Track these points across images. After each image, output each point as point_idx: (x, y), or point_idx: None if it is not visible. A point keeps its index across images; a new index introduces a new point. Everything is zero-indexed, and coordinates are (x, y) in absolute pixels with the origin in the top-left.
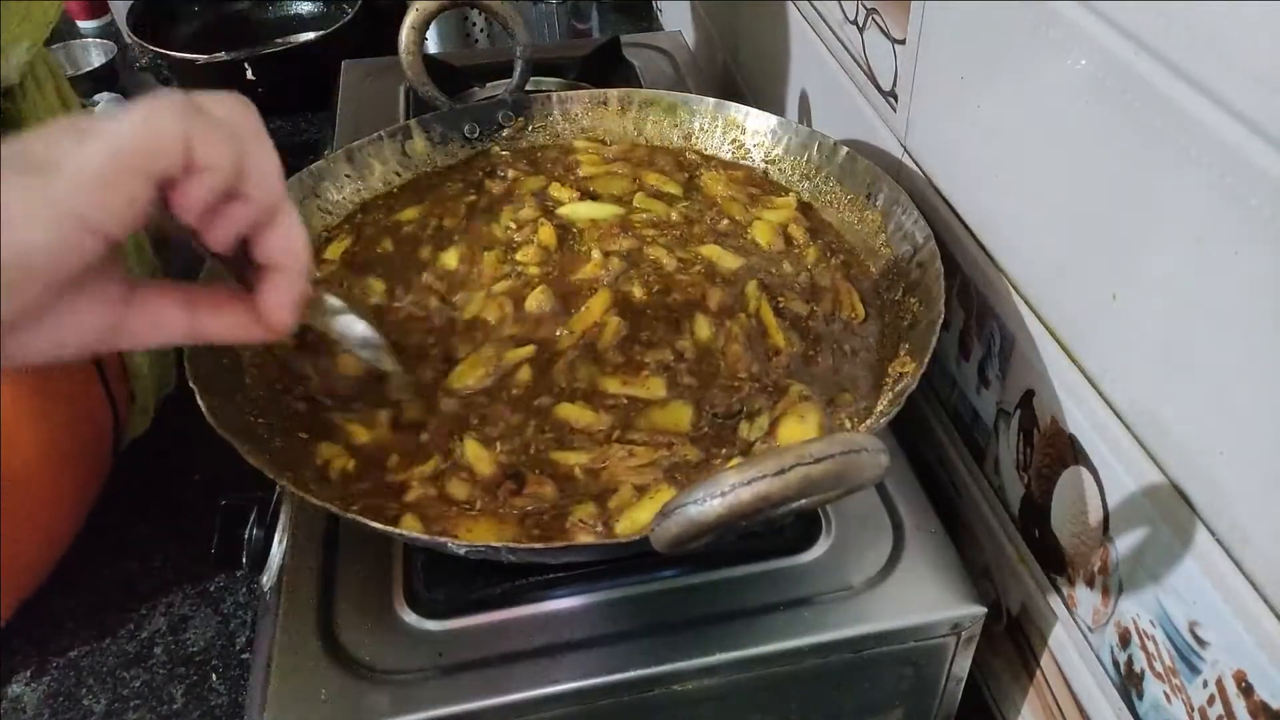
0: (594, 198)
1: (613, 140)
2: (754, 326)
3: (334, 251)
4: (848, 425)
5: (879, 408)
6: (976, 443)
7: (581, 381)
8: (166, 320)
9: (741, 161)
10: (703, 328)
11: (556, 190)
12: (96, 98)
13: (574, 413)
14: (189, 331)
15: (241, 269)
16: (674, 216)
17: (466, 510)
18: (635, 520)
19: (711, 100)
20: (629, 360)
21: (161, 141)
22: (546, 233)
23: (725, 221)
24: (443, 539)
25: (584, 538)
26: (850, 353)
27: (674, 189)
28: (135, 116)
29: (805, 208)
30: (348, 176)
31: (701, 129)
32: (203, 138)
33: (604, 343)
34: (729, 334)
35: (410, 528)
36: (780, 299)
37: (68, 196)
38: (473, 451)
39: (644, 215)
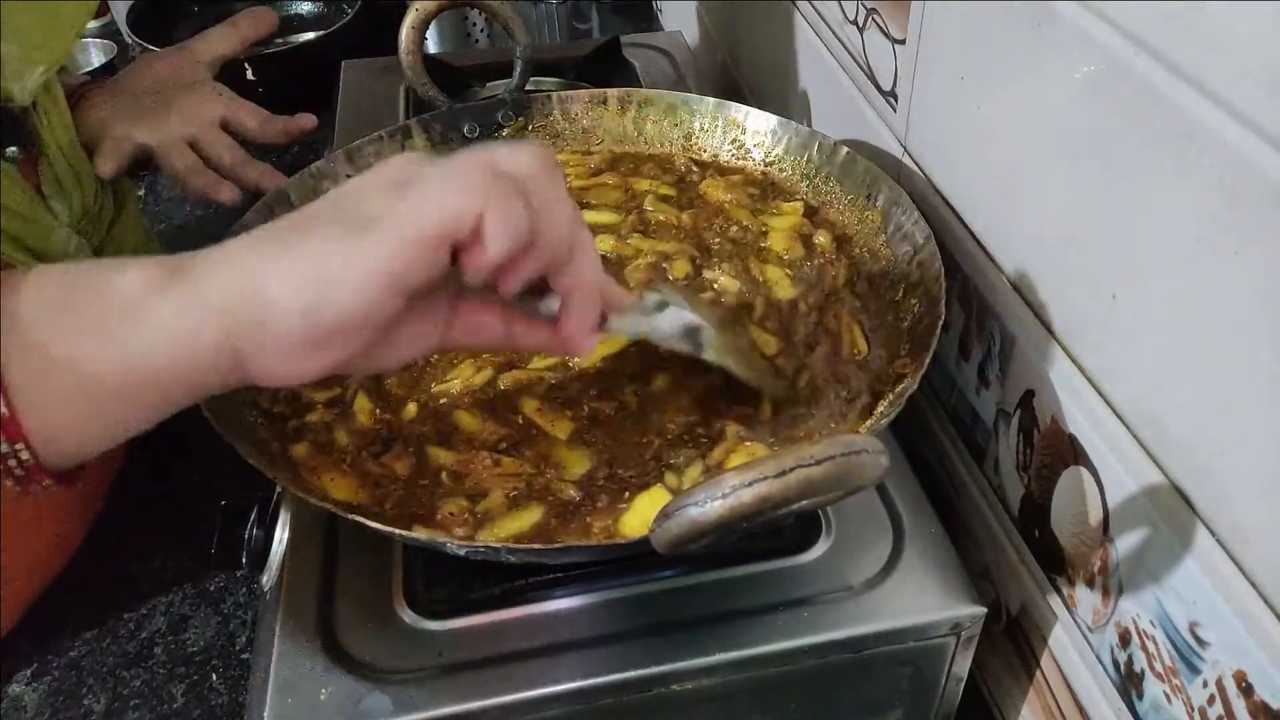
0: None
1: (596, 147)
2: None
3: None
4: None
5: (879, 408)
6: (976, 443)
7: (506, 398)
8: (485, 330)
9: (736, 164)
10: (659, 380)
11: None
12: None
13: (465, 419)
14: (504, 342)
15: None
16: (684, 220)
17: (340, 462)
18: (505, 528)
19: (711, 100)
20: (575, 398)
21: (460, 218)
22: None
23: (735, 228)
24: (442, 539)
25: (457, 530)
26: (843, 399)
27: (668, 190)
28: (442, 184)
29: (811, 211)
30: (348, 176)
31: (701, 129)
32: (497, 212)
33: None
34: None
35: (300, 455)
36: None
37: (381, 260)
38: (360, 403)
39: (658, 217)
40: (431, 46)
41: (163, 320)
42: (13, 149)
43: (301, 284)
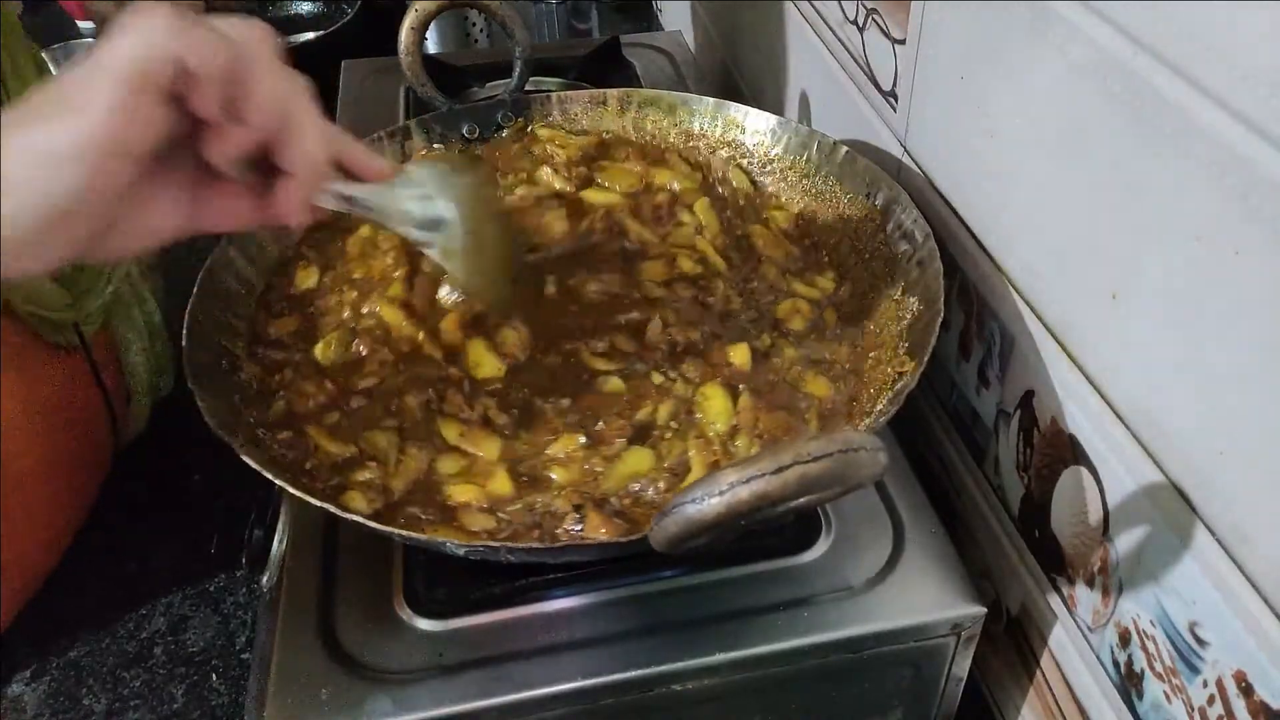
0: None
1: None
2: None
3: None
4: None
5: (878, 407)
6: (976, 443)
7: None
8: (234, 211)
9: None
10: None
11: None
12: None
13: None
14: (253, 219)
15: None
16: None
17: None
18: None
19: (711, 100)
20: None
21: (152, 56)
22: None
23: (756, 283)
24: (441, 539)
25: (359, 502)
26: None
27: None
28: (128, 37)
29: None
30: None
31: (701, 129)
32: (194, 47)
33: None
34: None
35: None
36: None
37: (85, 134)
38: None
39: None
40: (431, 46)
41: None
42: None
43: (14, 177)
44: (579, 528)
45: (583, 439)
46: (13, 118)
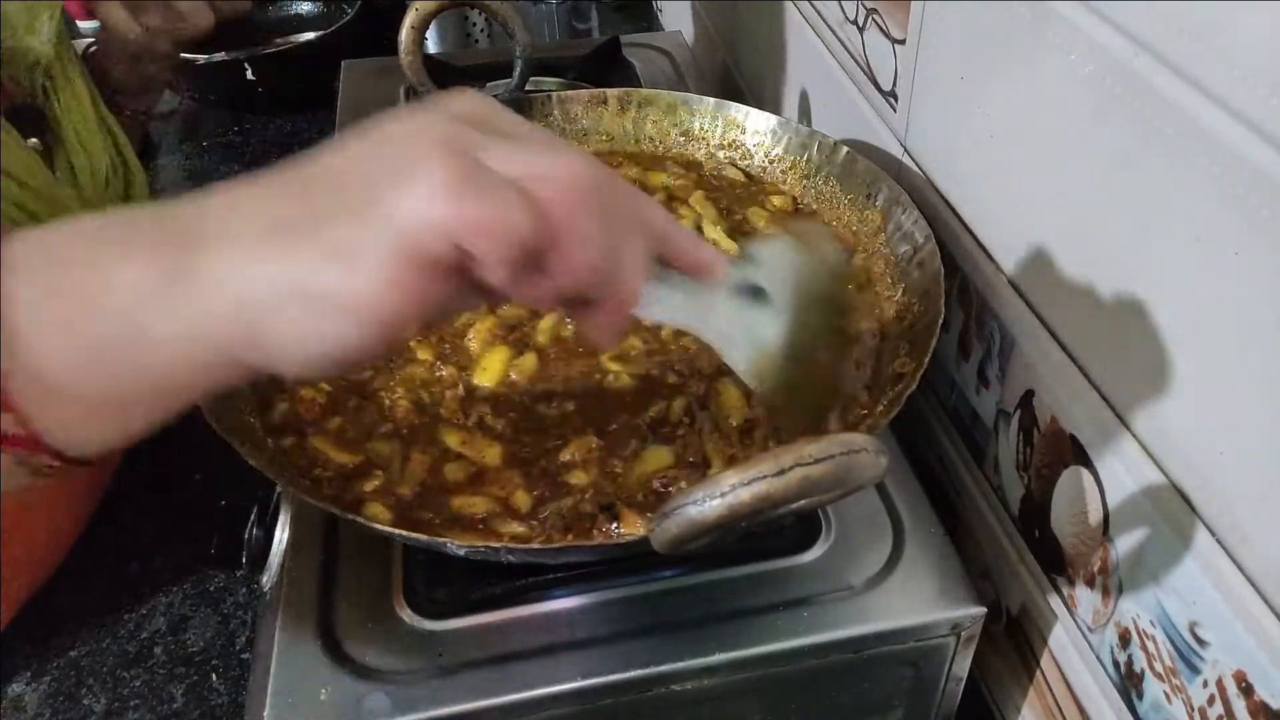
0: None
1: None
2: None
3: None
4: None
5: (879, 408)
6: (976, 443)
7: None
8: (536, 300)
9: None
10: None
11: None
12: None
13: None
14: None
15: None
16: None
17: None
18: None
19: (711, 100)
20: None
21: (430, 234)
22: None
23: None
24: (442, 540)
25: (374, 508)
26: None
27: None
28: (408, 191)
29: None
30: None
31: (701, 129)
32: (481, 222)
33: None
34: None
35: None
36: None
37: (358, 299)
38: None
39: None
40: (431, 46)
41: (161, 338)
42: (34, 140)
43: (288, 317)
44: (615, 526)
45: (596, 440)
46: (271, 223)
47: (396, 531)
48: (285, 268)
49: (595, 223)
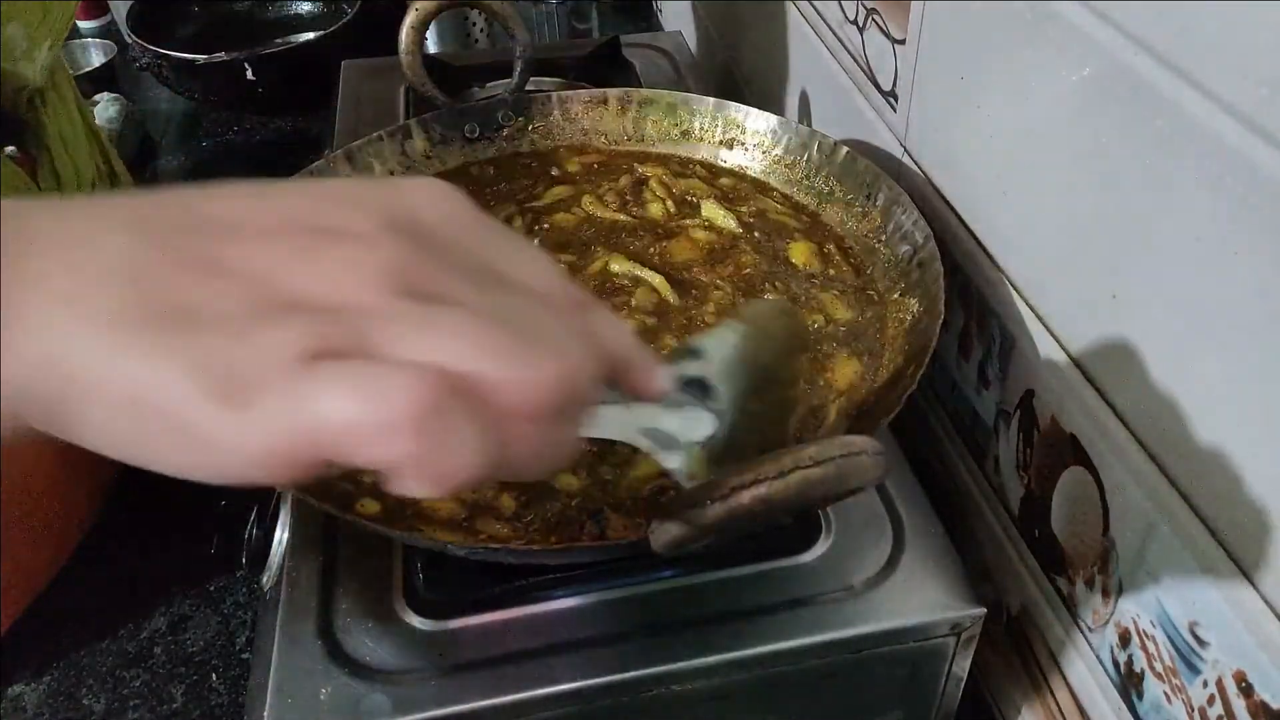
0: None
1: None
2: None
3: None
4: None
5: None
6: (976, 443)
7: None
8: None
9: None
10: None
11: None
12: (97, 98)
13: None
14: None
15: None
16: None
17: None
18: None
19: (711, 100)
20: None
21: (348, 446)
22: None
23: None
24: (443, 540)
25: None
26: None
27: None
28: (342, 398)
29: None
30: (348, 176)
31: (701, 129)
32: (418, 467)
33: None
34: None
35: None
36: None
37: (242, 455)
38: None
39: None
40: (431, 46)
41: None
42: (11, 148)
43: (130, 430)
44: (601, 533)
45: (588, 445)
46: (139, 301)
47: (397, 532)
48: (135, 366)
49: (555, 431)
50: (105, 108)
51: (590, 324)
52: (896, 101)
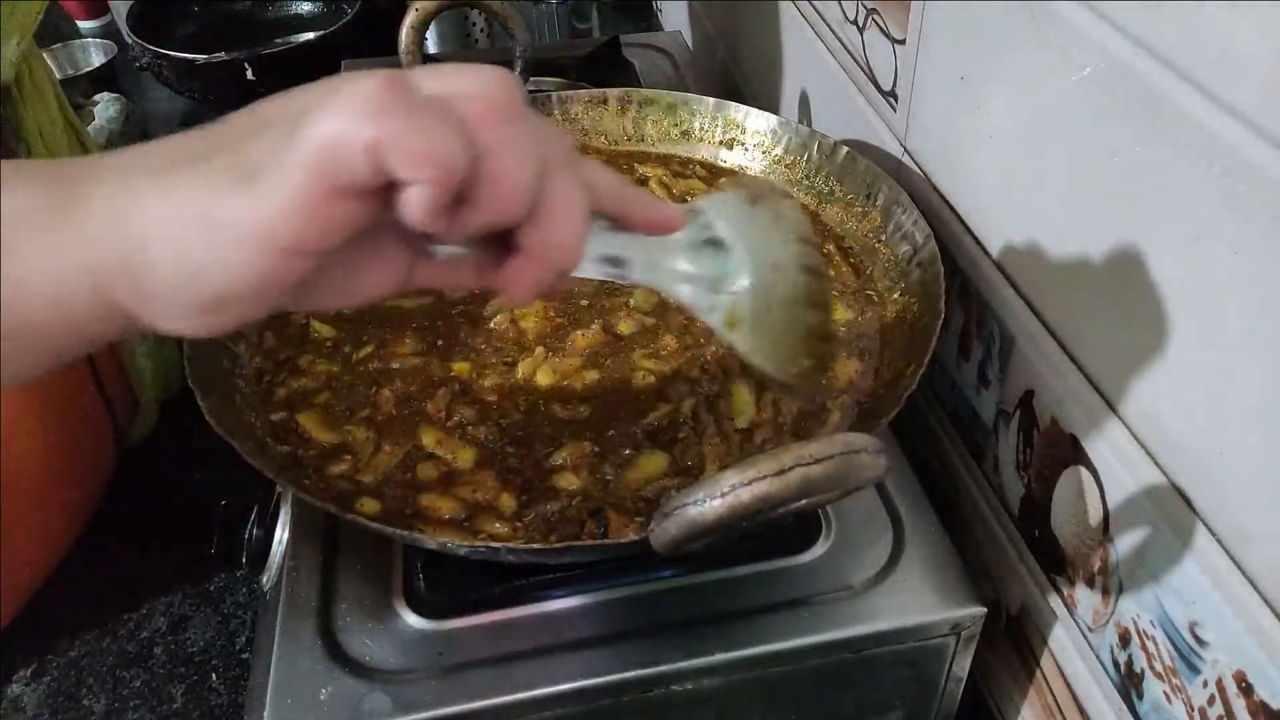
0: None
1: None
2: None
3: None
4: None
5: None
6: (976, 443)
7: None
8: (457, 274)
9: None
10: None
11: None
12: (97, 98)
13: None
14: (475, 285)
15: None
16: None
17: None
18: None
19: (711, 100)
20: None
21: (346, 154)
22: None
23: None
24: (443, 540)
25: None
26: None
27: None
28: (323, 118)
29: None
30: None
31: (701, 129)
32: (400, 143)
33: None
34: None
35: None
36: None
37: (264, 226)
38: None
39: None
40: (431, 46)
41: (33, 269)
42: None
43: (180, 248)
44: (601, 532)
45: (590, 445)
46: (176, 156)
47: (397, 532)
48: (184, 192)
49: (526, 142)
50: (105, 108)
51: (565, 148)
52: (896, 101)
